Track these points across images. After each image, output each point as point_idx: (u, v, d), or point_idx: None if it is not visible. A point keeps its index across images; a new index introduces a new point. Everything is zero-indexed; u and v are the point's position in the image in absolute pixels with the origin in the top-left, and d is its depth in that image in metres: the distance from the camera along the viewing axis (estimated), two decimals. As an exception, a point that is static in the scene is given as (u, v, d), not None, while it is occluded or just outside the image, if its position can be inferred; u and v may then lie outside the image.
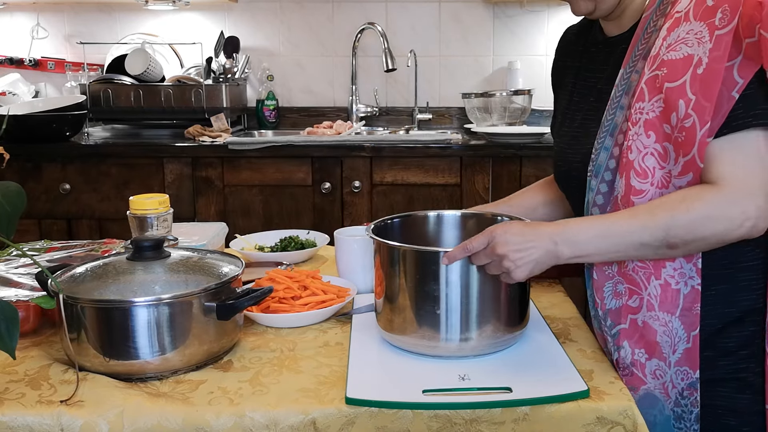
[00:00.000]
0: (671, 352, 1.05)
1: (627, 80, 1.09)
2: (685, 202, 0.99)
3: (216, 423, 0.90)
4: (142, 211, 1.33)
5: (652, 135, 1.02)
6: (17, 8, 3.16)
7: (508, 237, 1.00)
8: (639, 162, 1.03)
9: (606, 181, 1.10)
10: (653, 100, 1.02)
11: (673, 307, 1.04)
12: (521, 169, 2.58)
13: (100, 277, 1.03)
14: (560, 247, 1.01)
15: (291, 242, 1.60)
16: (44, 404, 0.92)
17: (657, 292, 1.04)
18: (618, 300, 1.08)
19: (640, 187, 1.04)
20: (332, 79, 3.22)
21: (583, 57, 1.27)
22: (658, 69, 1.02)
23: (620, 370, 1.08)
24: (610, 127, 1.09)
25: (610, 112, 1.10)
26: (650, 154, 1.03)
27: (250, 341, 1.13)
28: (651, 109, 1.03)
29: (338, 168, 2.60)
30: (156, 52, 3.11)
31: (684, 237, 0.99)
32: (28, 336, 1.15)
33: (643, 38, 1.09)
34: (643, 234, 1.00)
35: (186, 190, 2.62)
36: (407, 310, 1.04)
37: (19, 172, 2.57)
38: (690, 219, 0.98)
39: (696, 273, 1.03)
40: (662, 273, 1.04)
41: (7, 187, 0.96)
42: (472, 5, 3.15)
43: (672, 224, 0.98)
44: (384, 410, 0.91)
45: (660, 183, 1.03)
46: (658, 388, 1.06)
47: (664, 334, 1.04)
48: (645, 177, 1.03)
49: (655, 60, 1.04)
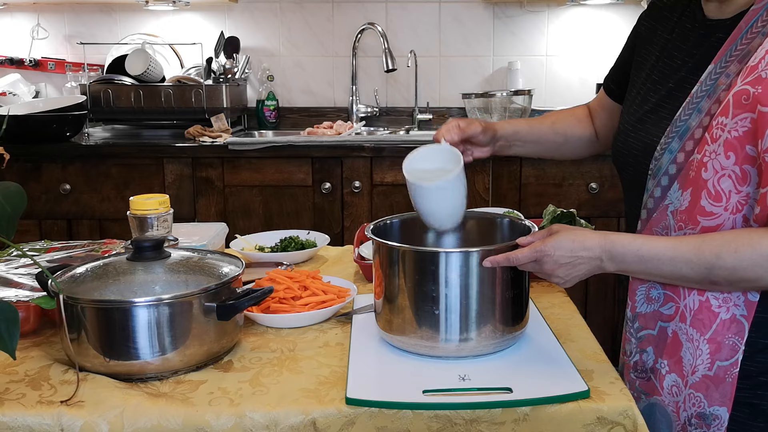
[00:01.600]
0: (690, 372, 1.01)
1: (714, 82, 1.00)
2: (734, 244, 0.94)
3: (216, 423, 0.90)
4: (142, 211, 1.33)
5: (731, 156, 0.95)
6: (17, 8, 3.16)
7: (557, 256, 0.99)
8: (714, 183, 0.97)
9: (661, 186, 1.05)
10: (738, 118, 0.94)
11: (703, 326, 1.00)
12: (521, 170, 2.58)
13: (100, 278, 1.03)
14: (606, 263, 1.01)
15: (291, 242, 1.60)
16: (44, 404, 0.92)
17: (694, 306, 1.01)
18: (650, 305, 1.06)
19: (711, 210, 0.98)
20: (332, 79, 3.22)
21: (675, 30, 1.15)
22: (752, 85, 0.93)
23: (637, 372, 1.06)
24: (682, 129, 1.02)
25: (686, 112, 1.03)
26: (727, 176, 0.96)
27: (251, 341, 1.13)
28: (734, 127, 0.95)
29: (338, 168, 2.60)
30: (156, 52, 3.11)
31: (728, 278, 0.95)
32: (28, 336, 1.15)
33: (746, 37, 0.99)
34: (684, 267, 0.97)
35: (186, 190, 2.62)
36: (406, 310, 1.04)
37: (20, 172, 2.57)
38: (735, 263, 0.94)
39: (743, 302, 0.99)
40: (706, 291, 1.00)
41: (8, 188, 0.96)
42: (472, 6, 3.15)
43: (716, 264, 0.95)
44: (384, 410, 0.91)
45: (735, 208, 0.97)
46: (671, 406, 1.03)
47: (687, 351, 1.01)
48: (719, 200, 0.97)
49: (752, 72, 0.94)
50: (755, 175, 0.94)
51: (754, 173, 0.94)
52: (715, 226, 0.98)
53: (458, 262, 1.01)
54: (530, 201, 2.60)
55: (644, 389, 1.06)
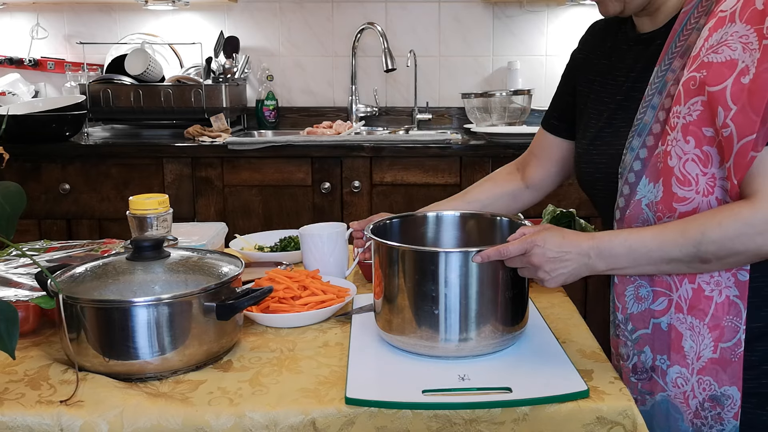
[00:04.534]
0: (695, 359, 1.02)
1: (662, 79, 1.05)
2: (718, 217, 0.96)
3: (216, 423, 0.90)
4: (142, 211, 1.33)
5: (691, 140, 0.99)
6: (17, 8, 3.16)
7: (546, 248, 1.00)
8: (680, 168, 1.00)
9: (629, 183, 1.07)
10: (690, 103, 0.99)
11: (702, 313, 1.01)
12: (521, 169, 2.58)
13: (99, 277, 1.03)
14: (594, 261, 1.01)
15: (291, 242, 1.60)
16: (44, 404, 0.92)
17: (688, 295, 1.02)
18: (640, 304, 1.06)
19: (683, 195, 1.00)
20: (332, 79, 3.22)
21: (612, 55, 1.22)
22: (697, 71, 0.98)
23: (637, 374, 1.06)
24: (639, 127, 1.06)
25: (641, 111, 1.06)
26: (691, 160, 0.99)
27: (250, 341, 1.13)
28: (688, 112, 0.99)
29: (338, 168, 2.60)
30: (156, 52, 3.11)
31: (716, 253, 0.97)
32: (27, 336, 1.15)
33: (682, 35, 1.04)
34: (673, 250, 0.98)
35: (186, 190, 2.62)
36: (406, 310, 1.04)
37: (19, 172, 2.57)
38: (722, 235, 0.95)
39: (733, 284, 1.00)
40: (697, 277, 1.01)
41: (7, 188, 0.96)
42: (472, 5, 3.15)
43: (703, 240, 0.96)
44: (384, 410, 0.91)
45: (705, 191, 0.99)
46: (678, 398, 1.03)
47: (690, 339, 1.02)
48: (688, 185, 1.00)
49: (695, 60, 0.99)
50: (716, 154, 0.98)
51: (715, 153, 0.98)
52: (692, 211, 1.00)
53: (458, 262, 1.01)
54: (530, 201, 2.59)
55: (647, 389, 1.06)
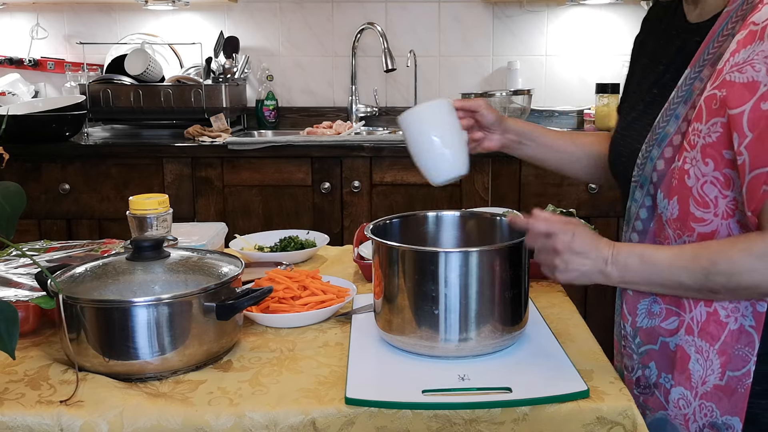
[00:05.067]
0: (700, 383, 1.00)
1: (689, 87, 1.01)
2: (731, 250, 0.93)
3: (216, 423, 0.90)
4: (142, 211, 1.33)
5: (710, 162, 0.95)
6: (17, 8, 3.16)
7: (575, 239, 0.99)
8: (698, 189, 0.96)
9: (650, 195, 1.04)
10: (710, 123, 0.94)
11: (713, 338, 0.98)
12: (521, 169, 2.58)
13: (99, 278, 1.03)
14: (610, 268, 0.99)
15: (291, 242, 1.60)
16: (44, 404, 0.92)
17: (702, 318, 0.99)
18: (651, 320, 1.04)
19: (701, 216, 0.97)
20: (332, 79, 3.22)
21: (662, 37, 1.17)
22: (718, 89, 0.94)
23: (640, 388, 1.05)
24: (660, 136, 1.02)
25: (664, 118, 1.02)
26: (710, 182, 0.95)
27: (250, 341, 1.13)
28: (707, 133, 0.95)
29: (338, 168, 2.60)
30: (156, 52, 3.11)
31: (725, 285, 0.94)
32: (27, 336, 1.15)
33: (717, 39, 0.99)
34: (683, 275, 0.96)
35: (186, 190, 2.62)
36: (406, 310, 1.04)
37: (19, 172, 2.57)
38: (730, 268, 0.92)
39: (751, 313, 0.97)
40: (714, 302, 0.98)
41: (7, 188, 0.96)
42: (472, 5, 3.15)
43: (712, 271, 0.93)
44: (383, 410, 0.91)
45: (725, 213, 0.95)
46: (679, 419, 1.01)
47: (697, 363, 0.99)
48: (706, 207, 0.96)
49: (719, 75, 0.94)
50: (737, 177, 0.94)
51: (735, 176, 0.94)
52: (711, 233, 0.97)
53: (458, 262, 1.01)
54: (530, 201, 2.59)
55: (648, 404, 1.05)
